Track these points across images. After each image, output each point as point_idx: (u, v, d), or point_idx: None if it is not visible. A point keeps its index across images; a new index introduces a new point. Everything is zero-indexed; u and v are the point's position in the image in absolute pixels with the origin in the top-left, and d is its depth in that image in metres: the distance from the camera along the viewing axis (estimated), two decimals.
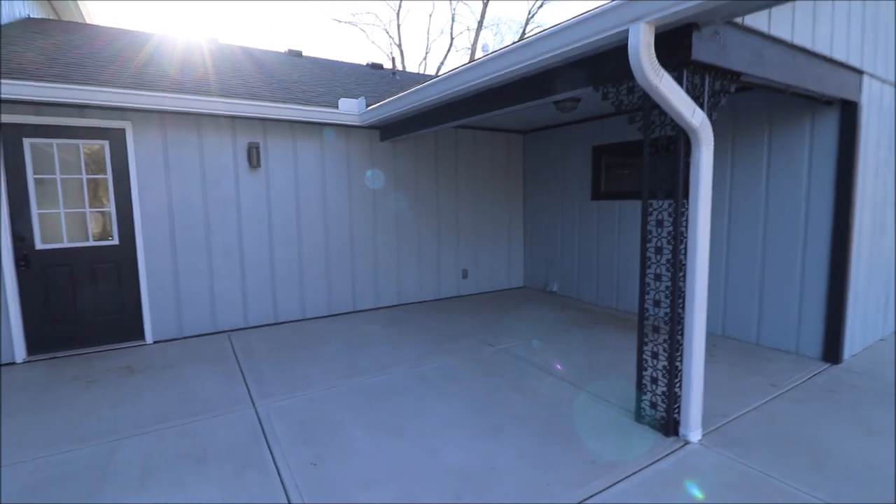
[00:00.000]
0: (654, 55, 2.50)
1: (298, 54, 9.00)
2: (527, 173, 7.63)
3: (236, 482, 2.59)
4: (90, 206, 4.68)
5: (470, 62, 3.79)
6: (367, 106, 5.54)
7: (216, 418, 3.35)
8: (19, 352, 4.42)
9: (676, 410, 2.98)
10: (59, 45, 5.62)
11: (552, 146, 7.06)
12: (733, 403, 3.46)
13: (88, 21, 8.84)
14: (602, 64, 3.00)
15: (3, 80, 3.92)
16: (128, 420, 3.32)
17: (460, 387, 3.83)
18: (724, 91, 2.88)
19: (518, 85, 3.71)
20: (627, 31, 2.52)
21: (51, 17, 8.04)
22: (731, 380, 3.89)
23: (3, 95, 3.94)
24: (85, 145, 4.59)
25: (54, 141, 4.45)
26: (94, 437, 3.09)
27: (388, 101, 4.93)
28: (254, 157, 5.33)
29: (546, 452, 2.87)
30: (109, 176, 4.70)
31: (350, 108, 5.49)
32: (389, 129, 5.89)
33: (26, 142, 4.34)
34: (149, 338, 4.98)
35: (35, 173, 4.41)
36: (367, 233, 6.22)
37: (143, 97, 4.46)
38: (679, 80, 2.63)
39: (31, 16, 7.07)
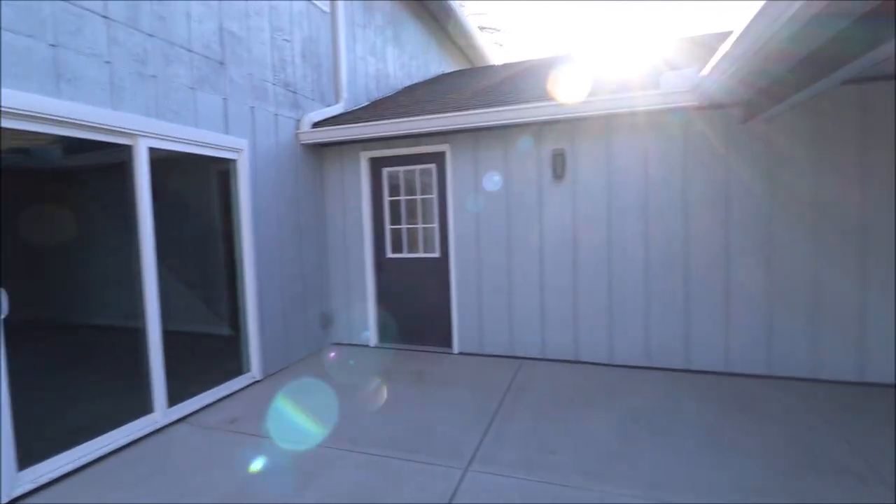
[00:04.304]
0: None
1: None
2: None
3: None
4: (422, 223, 5.31)
5: None
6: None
7: (423, 466, 2.95)
8: (373, 339, 5.54)
9: None
10: (437, 90, 6.78)
11: None
12: None
13: (493, 62, 10.50)
14: None
15: (368, 122, 4.94)
16: (369, 434, 3.40)
17: None
18: None
19: None
20: None
21: (465, 67, 10.01)
22: None
23: (368, 134, 4.98)
24: (419, 170, 5.24)
25: (400, 168, 5.31)
26: (334, 441, 3.31)
27: (737, 39, 2.91)
28: (559, 166, 4.62)
29: None
30: (435, 195, 5.19)
31: (676, 85, 3.84)
32: (756, 100, 3.76)
33: (384, 171, 5.37)
34: (455, 347, 5.21)
35: (388, 196, 5.39)
36: (711, 260, 4.28)
37: (449, 118, 4.62)
38: None
39: (445, 71, 9.00)
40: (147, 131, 3.37)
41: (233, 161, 4.25)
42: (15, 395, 2.67)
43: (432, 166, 5.17)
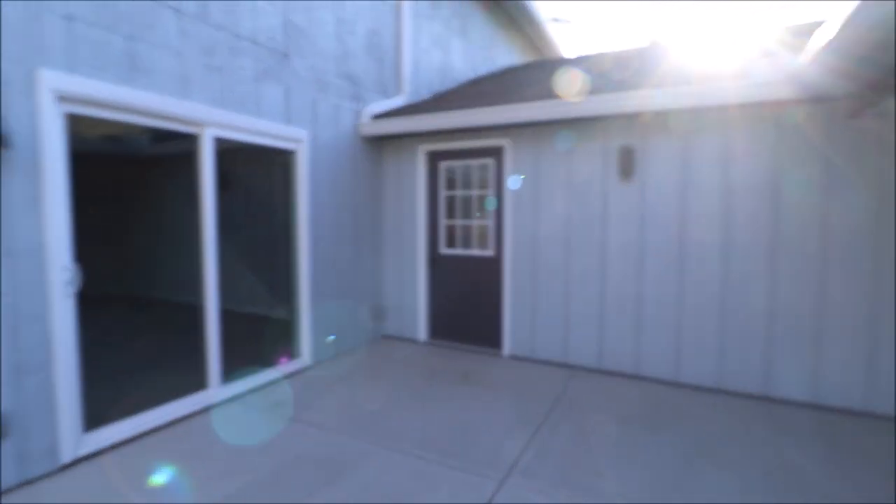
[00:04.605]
0: None
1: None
2: None
3: None
4: (477, 219, 5.16)
5: None
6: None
7: (457, 472, 2.83)
8: (422, 334, 5.50)
9: None
10: (500, 82, 6.57)
11: None
12: None
13: (566, 55, 10.06)
14: None
15: (426, 115, 4.87)
16: (407, 431, 3.34)
17: None
18: None
19: None
20: None
21: (535, 60, 9.67)
22: None
23: (426, 127, 4.90)
24: (477, 164, 5.09)
25: (457, 162, 5.19)
26: (370, 435, 3.27)
27: (841, 25, 2.47)
28: (627, 164, 4.27)
29: None
30: (492, 192, 5.02)
31: (769, 74, 3.37)
32: (866, 92, 3.20)
33: (441, 164, 5.28)
34: (505, 350, 5.02)
35: (444, 190, 5.30)
36: (803, 275, 3.75)
37: (508, 112, 4.42)
38: None
39: (513, 64, 8.72)
40: (213, 121, 3.51)
41: (293, 152, 4.35)
42: (86, 362, 2.89)
43: (490, 161, 5.00)
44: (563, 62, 7.46)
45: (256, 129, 3.88)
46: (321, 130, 4.58)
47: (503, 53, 8.47)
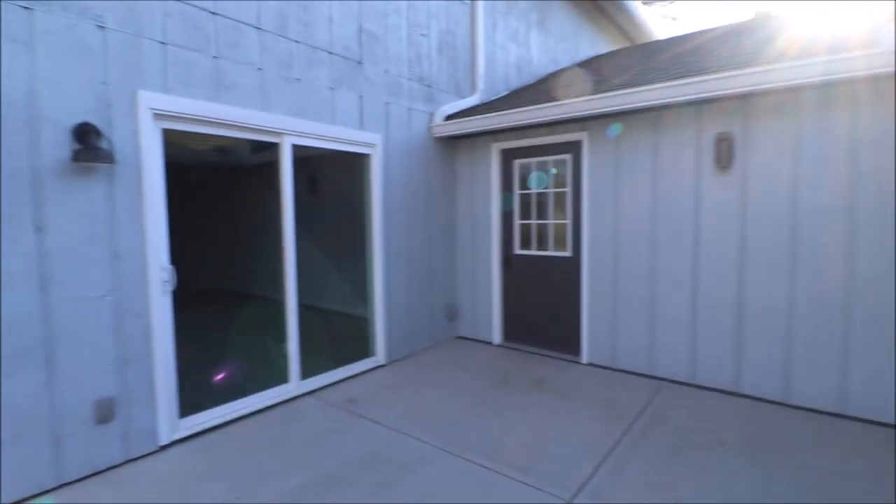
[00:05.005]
0: None
1: None
2: None
3: None
4: (553, 218, 4.92)
5: None
6: None
7: (520, 486, 2.70)
8: (496, 336, 5.37)
9: None
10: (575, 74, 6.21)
11: None
12: None
13: (654, 38, 9.28)
14: None
15: (497, 113, 4.74)
16: (473, 438, 3.25)
17: None
18: None
19: None
20: None
21: (622, 46, 9.04)
22: None
23: (497, 125, 4.77)
24: (553, 161, 4.85)
25: (532, 160, 4.98)
26: (437, 439, 3.24)
27: None
28: (723, 154, 3.78)
29: None
30: (569, 189, 4.74)
31: None
32: None
33: (515, 163, 5.10)
34: (584, 356, 4.72)
35: (518, 189, 5.12)
36: None
37: (585, 103, 4.13)
38: None
39: (599, 53, 8.22)
40: (291, 130, 3.71)
41: (366, 155, 4.47)
42: (183, 354, 3.20)
43: (567, 157, 4.72)
44: (654, 47, 6.88)
45: (331, 135, 4.04)
46: (394, 133, 4.65)
47: (587, 43, 8.01)
